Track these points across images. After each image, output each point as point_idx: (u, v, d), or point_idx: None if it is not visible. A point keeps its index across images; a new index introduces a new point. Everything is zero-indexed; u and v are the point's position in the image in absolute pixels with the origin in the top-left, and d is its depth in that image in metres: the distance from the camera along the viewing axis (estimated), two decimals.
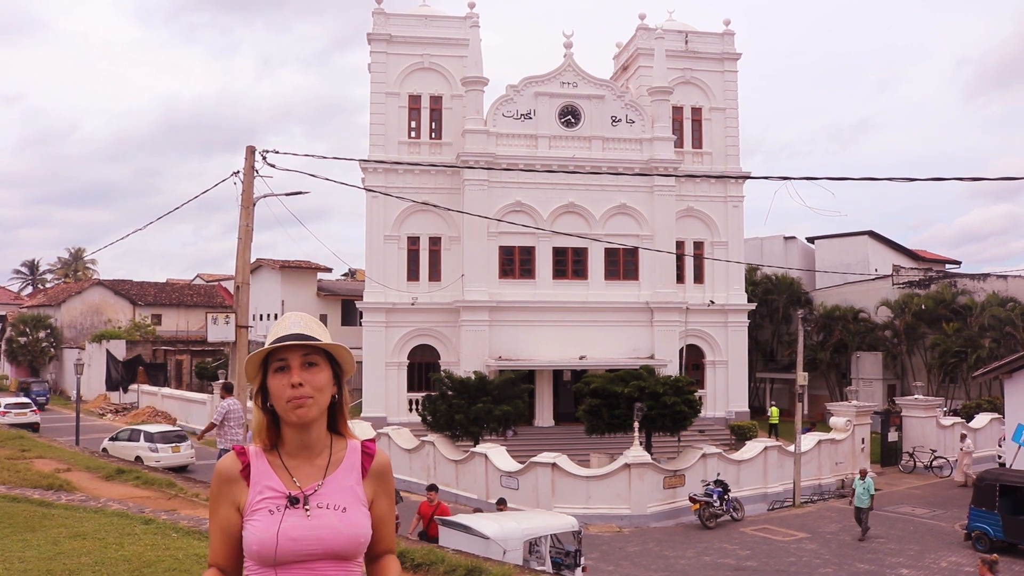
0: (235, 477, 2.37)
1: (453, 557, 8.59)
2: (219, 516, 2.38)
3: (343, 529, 2.31)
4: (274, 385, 2.35)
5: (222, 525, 2.37)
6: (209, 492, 2.47)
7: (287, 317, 2.47)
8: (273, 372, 2.36)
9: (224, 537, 2.36)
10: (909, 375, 42.26)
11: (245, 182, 15.81)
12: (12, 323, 59.83)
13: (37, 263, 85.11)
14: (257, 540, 2.27)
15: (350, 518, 2.33)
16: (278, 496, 2.32)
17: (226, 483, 2.38)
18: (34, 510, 10.01)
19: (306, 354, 2.36)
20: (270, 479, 2.35)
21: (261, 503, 2.32)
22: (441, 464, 27.83)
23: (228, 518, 2.36)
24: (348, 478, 2.41)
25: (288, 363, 2.35)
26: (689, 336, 38.79)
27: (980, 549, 20.44)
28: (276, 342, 2.36)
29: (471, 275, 36.26)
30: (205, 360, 49.98)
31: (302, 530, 2.27)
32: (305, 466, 2.39)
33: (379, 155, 37.06)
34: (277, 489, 2.33)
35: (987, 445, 32.99)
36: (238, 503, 2.36)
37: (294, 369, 2.34)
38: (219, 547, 2.37)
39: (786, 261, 50.91)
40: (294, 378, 2.32)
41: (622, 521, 24.04)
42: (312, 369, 2.36)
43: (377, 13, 38.60)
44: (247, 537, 2.30)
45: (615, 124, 38.42)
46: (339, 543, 2.30)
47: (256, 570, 2.30)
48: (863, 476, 22.81)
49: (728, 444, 33.26)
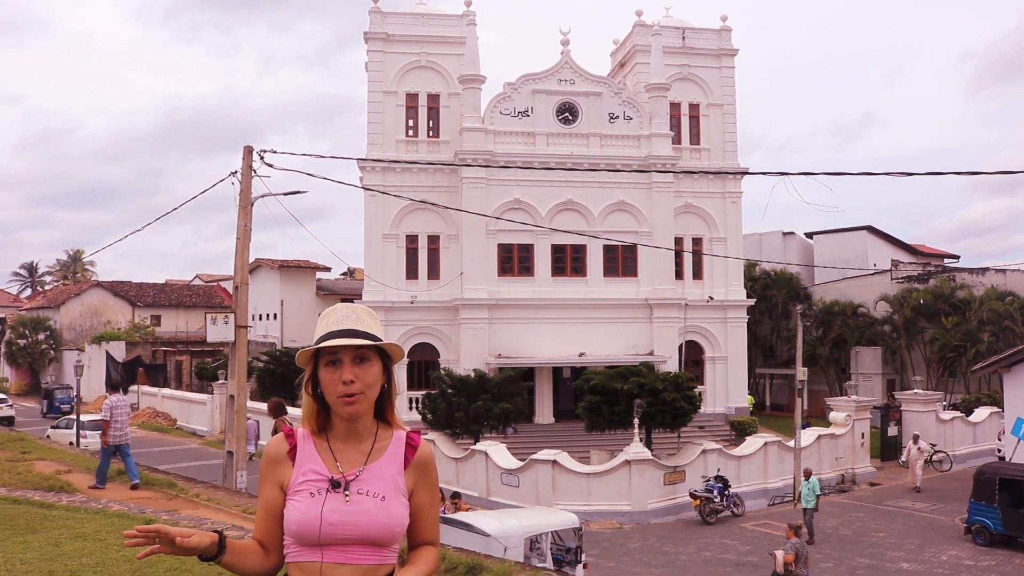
0: (282, 457, 2.45)
1: (454, 555, 8.60)
2: (264, 494, 2.46)
3: (380, 517, 2.36)
4: (326, 378, 2.40)
5: (266, 503, 2.45)
6: (258, 472, 2.57)
7: (337, 309, 2.50)
8: (325, 365, 2.40)
9: (267, 514, 2.44)
10: (908, 370, 42.28)
11: (243, 182, 15.82)
12: (11, 325, 59.77)
13: (36, 265, 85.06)
14: (297, 521, 2.34)
15: (388, 507, 2.38)
16: (320, 479, 2.38)
17: (273, 463, 2.47)
18: (35, 511, 10.02)
19: (358, 347, 2.40)
20: (314, 462, 2.42)
21: (303, 484, 2.38)
22: (441, 462, 27.84)
23: (272, 496, 2.44)
24: (390, 467, 2.46)
25: (340, 358, 2.39)
26: (688, 332, 38.80)
27: (980, 543, 20.50)
28: (327, 337, 2.40)
29: (470, 273, 36.27)
30: (205, 360, 49.98)
31: (340, 515, 2.33)
32: (350, 451, 2.45)
33: (377, 154, 37.05)
34: (320, 472, 2.39)
35: (987, 439, 33.07)
36: (282, 482, 2.43)
37: (346, 365, 2.38)
38: (262, 523, 2.46)
39: (785, 257, 50.93)
40: (346, 375, 2.37)
41: (623, 517, 24.07)
42: (363, 364, 2.40)
43: (374, 12, 38.58)
44: (288, 516, 2.37)
45: (613, 121, 38.42)
46: (375, 530, 2.35)
47: (296, 549, 2.37)
48: (807, 477, 22.21)
49: (728, 440, 33.30)
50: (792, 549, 15.46)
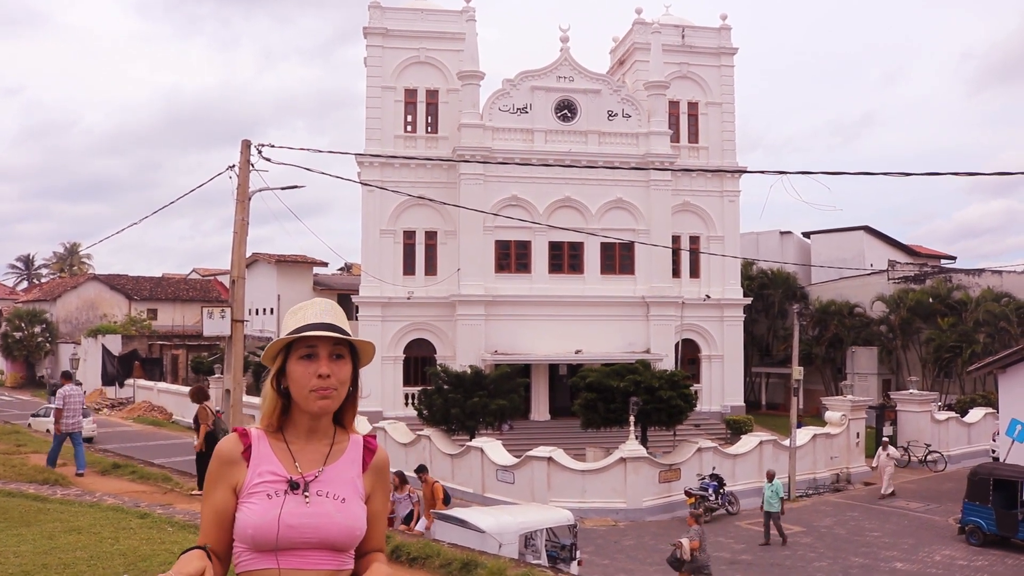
0: (236, 458, 2.33)
1: (449, 551, 8.61)
2: (214, 497, 2.32)
3: (340, 520, 2.28)
4: (298, 371, 2.32)
5: (216, 507, 2.31)
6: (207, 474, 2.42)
7: (314, 303, 2.44)
8: (298, 358, 2.33)
9: (217, 519, 2.30)
10: (904, 370, 42.35)
11: (240, 176, 15.78)
12: (7, 318, 59.67)
13: (32, 258, 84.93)
14: (253, 524, 2.23)
15: (348, 509, 2.31)
16: (278, 480, 2.29)
17: (226, 464, 2.33)
18: (29, 505, 10.01)
19: (335, 344, 2.36)
20: (271, 463, 2.32)
21: (259, 486, 2.28)
22: (437, 458, 27.84)
23: (223, 500, 2.30)
24: (349, 470, 2.39)
25: (317, 352, 2.33)
26: (685, 330, 38.83)
27: (974, 543, 20.56)
28: (306, 328, 2.34)
29: (467, 269, 36.26)
30: (201, 355, 49.94)
31: (299, 517, 2.24)
32: (308, 451, 2.37)
33: (375, 149, 36.98)
34: (278, 473, 2.30)
35: (981, 440, 33.15)
36: (235, 484, 2.31)
37: (323, 358, 2.32)
38: (210, 529, 2.31)
39: (782, 256, 50.94)
40: (323, 369, 2.31)
41: (618, 515, 24.08)
42: (339, 361, 2.35)
43: (373, 7, 38.52)
44: (241, 520, 2.26)
45: (611, 118, 38.40)
46: (335, 533, 2.27)
47: (248, 557, 2.25)
48: (770, 479, 21.60)
49: (723, 438, 33.34)
50: (696, 536, 16.11)
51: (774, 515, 21.10)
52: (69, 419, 14.41)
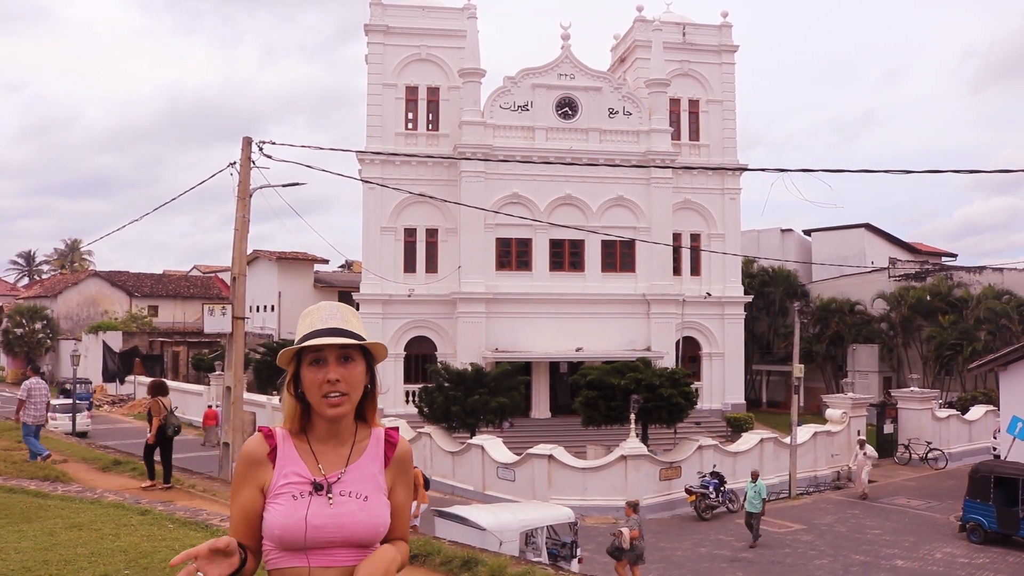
0: (262, 459, 2.37)
1: (449, 548, 8.61)
2: (241, 497, 2.36)
3: (364, 518, 2.33)
4: (309, 378, 2.34)
5: (244, 506, 2.36)
6: (233, 474, 2.49)
7: (322, 307, 2.45)
8: (308, 364, 2.35)
9: (245, 518, 2.35)
10: (905, 367, 42.35)
11: (241, 173, 15.77)
12: (8, 314, 59.67)
13: (34, 254, 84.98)
14: (280, 525, 2.27)
15: (371, 507, 2.35)
16: (303, 482, 2.33)
17: (252, 465, 2.37)
18: (30, 501, 10.01)
19: (343, 346, 2.36)
20: (296, 464, 2.36)
21: (285, 487, 2.32)
22: (438, 456, 27.87)
23: (251, 499, 2.35)
24: (371, 466, 2.42)
25: (324, 356, 2.34)
26: (686, 328, 38.82)
27: (975, 540, 20.56)
28: (312, 335, 2.35)
29: (468, 267, 36.25)
30: (202, 351, 49.97)
31: (324, 518, 2.29)
32: (331, 452, 2.40)
33: (376, 146, 36.96)
34: (302, 475, 2.34)
35: (982, 437, 33.14)
36: (262, 484, 2.35)
37: (331, 364, 2.33)
38: (239, 527, 2.36)
39: (783, 253, 50.90)
40: (331, 374, 2.32)
41: (618, 512, 24.07)
42: (348, 364, 2.36)
43: (375, 4, 38.48)
44: (269, 520, 2.31)
45: (612, 116, 38.37)
46: (359, 532, 2.32)
47: (277, 555, 2.31)
48: (754, 479, 21.31)
49: (724, 436, 33.34)
50: (636, 525, 16.62)
51: (755, 516, 20.90)
52: (36, 411, 14.62)
